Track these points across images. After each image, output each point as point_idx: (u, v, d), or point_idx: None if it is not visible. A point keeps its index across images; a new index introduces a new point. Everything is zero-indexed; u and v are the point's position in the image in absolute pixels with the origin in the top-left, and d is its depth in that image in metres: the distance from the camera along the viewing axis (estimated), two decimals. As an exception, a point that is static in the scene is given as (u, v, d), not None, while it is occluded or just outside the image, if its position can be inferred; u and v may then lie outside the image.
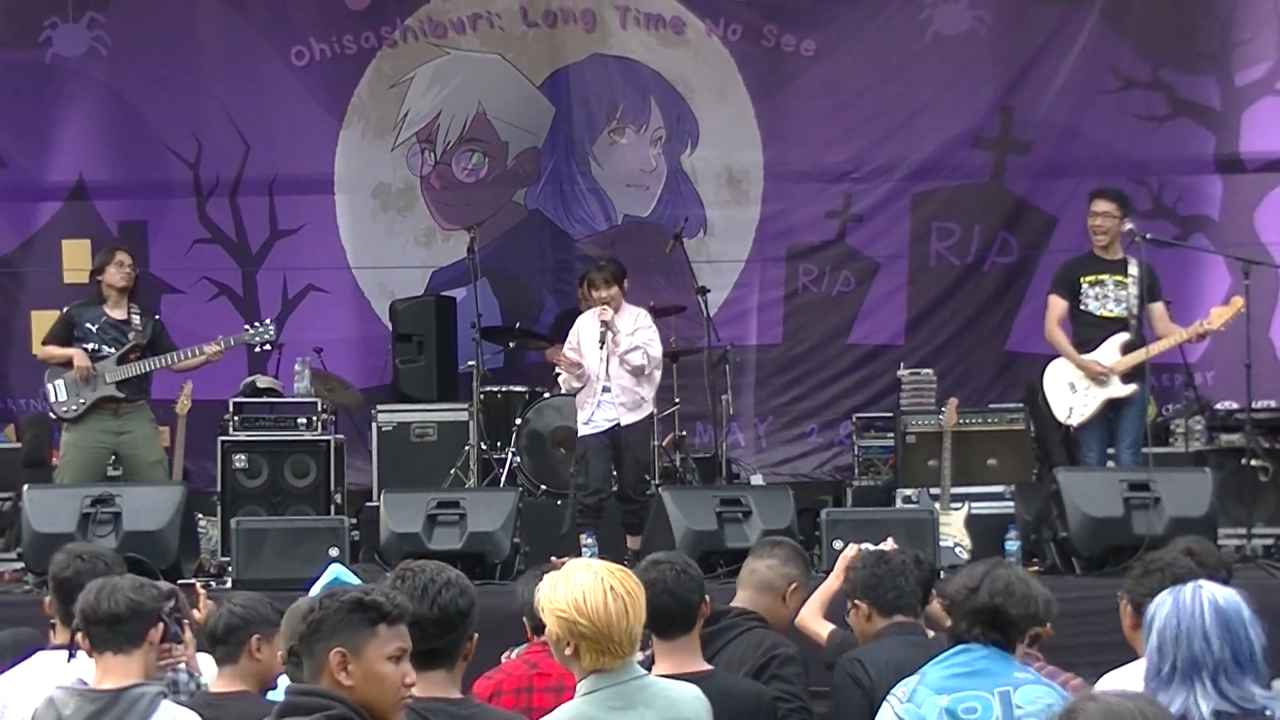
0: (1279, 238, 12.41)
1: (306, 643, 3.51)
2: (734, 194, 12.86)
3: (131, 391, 9.81)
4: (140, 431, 9.87)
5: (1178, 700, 3.64)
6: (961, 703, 4.41)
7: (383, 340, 12.54)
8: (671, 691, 4.27)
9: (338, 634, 3.48)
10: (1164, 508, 8.62)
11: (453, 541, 8.65)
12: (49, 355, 9.92)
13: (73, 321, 9.92)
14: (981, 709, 4.39)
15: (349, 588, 3.69)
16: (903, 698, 4.47)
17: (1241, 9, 12.60)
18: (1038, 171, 12.68)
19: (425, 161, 12.92)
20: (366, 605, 3.52)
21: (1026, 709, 4.39)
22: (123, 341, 9.80)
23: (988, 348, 12.62)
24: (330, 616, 3.49)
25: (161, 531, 8.74)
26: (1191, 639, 3.66)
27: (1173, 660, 3.66)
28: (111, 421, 9.78)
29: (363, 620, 3.50)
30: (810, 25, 12.70)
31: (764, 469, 12.35)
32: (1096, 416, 9.72)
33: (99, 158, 12.74)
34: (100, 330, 9.82)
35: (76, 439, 9.80)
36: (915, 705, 4.42)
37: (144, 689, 4.49)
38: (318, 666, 3.49)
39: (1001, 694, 4.42)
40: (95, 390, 9.71)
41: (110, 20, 12.62)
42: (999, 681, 4.43)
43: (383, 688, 3.52)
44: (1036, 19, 12.64)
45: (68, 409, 9.74)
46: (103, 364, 9.71)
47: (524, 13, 12.83)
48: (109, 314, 9.87)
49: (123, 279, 9.88)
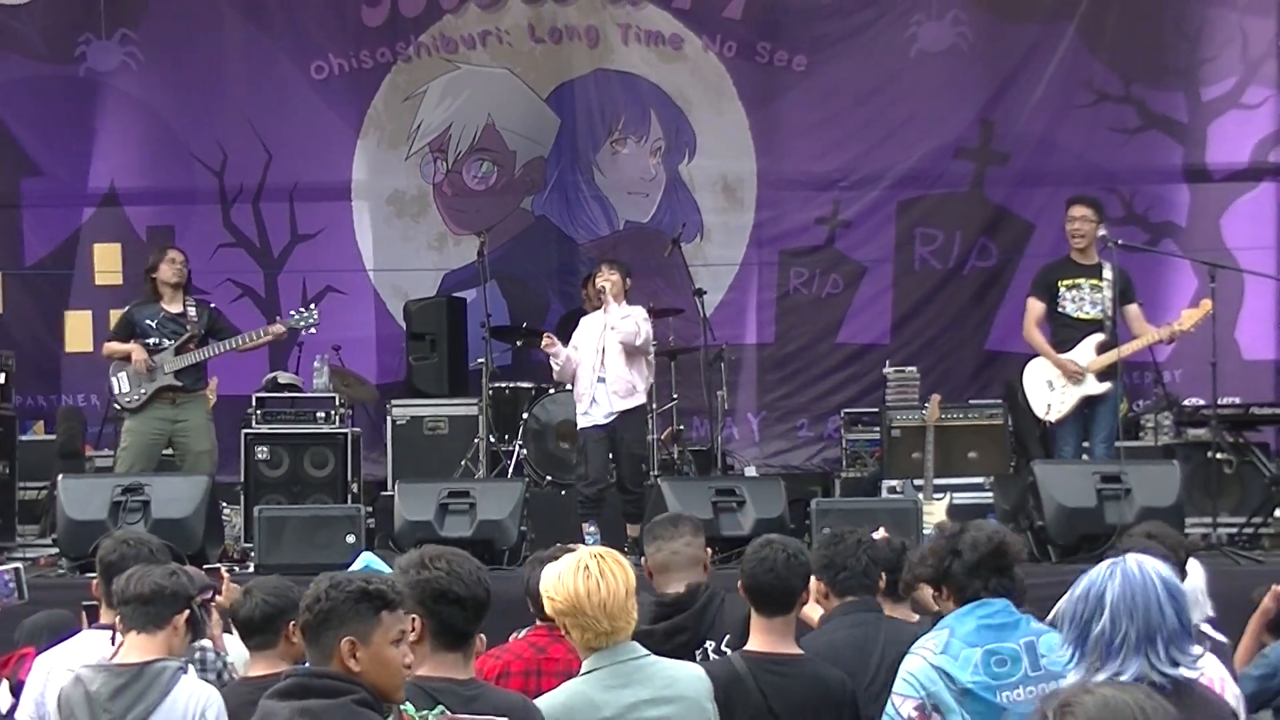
0: (1243, 243, 12.41)
1: (315, 630, 3.51)
2: (729, 201, 12.86)
3: (190, 381, 9.92)
4: (194, 421, 9.95)
5: (1130, 669, 3.59)
6: (994, 654, 4.36)
7: (397, 339, 12.56)
8: (671, 670, 4.26)
9: (347, 623, 3.49)
10: (1134, 498, 8.64)
11: (463, 529, 8.65)
12: (111, 351, 10.02)
13: (132, 319, 10.02)
14: (1011, 661, 4.35)
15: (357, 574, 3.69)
16: (935, 649, 4.38)
17: (1208, 28, 12.60)
18: (1016, 181, 12.68)
19: (438, 170, 12.92)
20: (372, 594, 3.52)
21: (1050, 656, 4.30)
22: (181, 333, 9.91)
23: (968, 347, 12.62)
24: (340, 606, 3.49)
25: (188, 519, 8.77)
26: (1149, 610, 3.60)
27: (1125, 631, 3.59)
28: (169, 410, 9.87)
29: (369, 609, 3.51)
30: (801, 42, 12.70)
31: (757, 461, 12.36)
32: (1073, 412, 9.71)
33: (129, 166, 12.76)
34: (159, 325, 9.93)
35: (136, 426, 9.90)
36: (951, 656, 4.36)
37: (166, 663, 4.51)
38: (327, 653, 3.49)
39: (1027, 644, 4.36)
40: (155, 381, 9.82)
41: (141, 37, 12.64)
42: (1023, 633, 4.38)
43: (389, 670, 3.53)
44: (1015, 37, 12.64)
45: (130, 399, 9.84)
46: (161, 355, 9.80)
47: (531, 29, 12.83)
48: (166, 309, 9.98)
49: (174, 275, 9.99)
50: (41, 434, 11.82)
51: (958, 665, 4.33)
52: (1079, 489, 8.77)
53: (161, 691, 4.44)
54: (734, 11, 12.74)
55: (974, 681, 4.31)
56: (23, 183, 12.70)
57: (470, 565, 4.02)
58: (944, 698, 4.29)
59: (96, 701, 4.43)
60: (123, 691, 4.43)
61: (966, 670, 4.33)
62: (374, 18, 12.78)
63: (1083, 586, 3.69)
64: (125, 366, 9.87)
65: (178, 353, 9.84)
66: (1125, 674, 3.60)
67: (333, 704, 3.42)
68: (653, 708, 4.13)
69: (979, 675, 4.32)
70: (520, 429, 10.97)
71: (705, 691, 4.27)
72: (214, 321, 10.11)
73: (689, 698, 4.22)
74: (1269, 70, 12.62)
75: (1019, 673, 4.33)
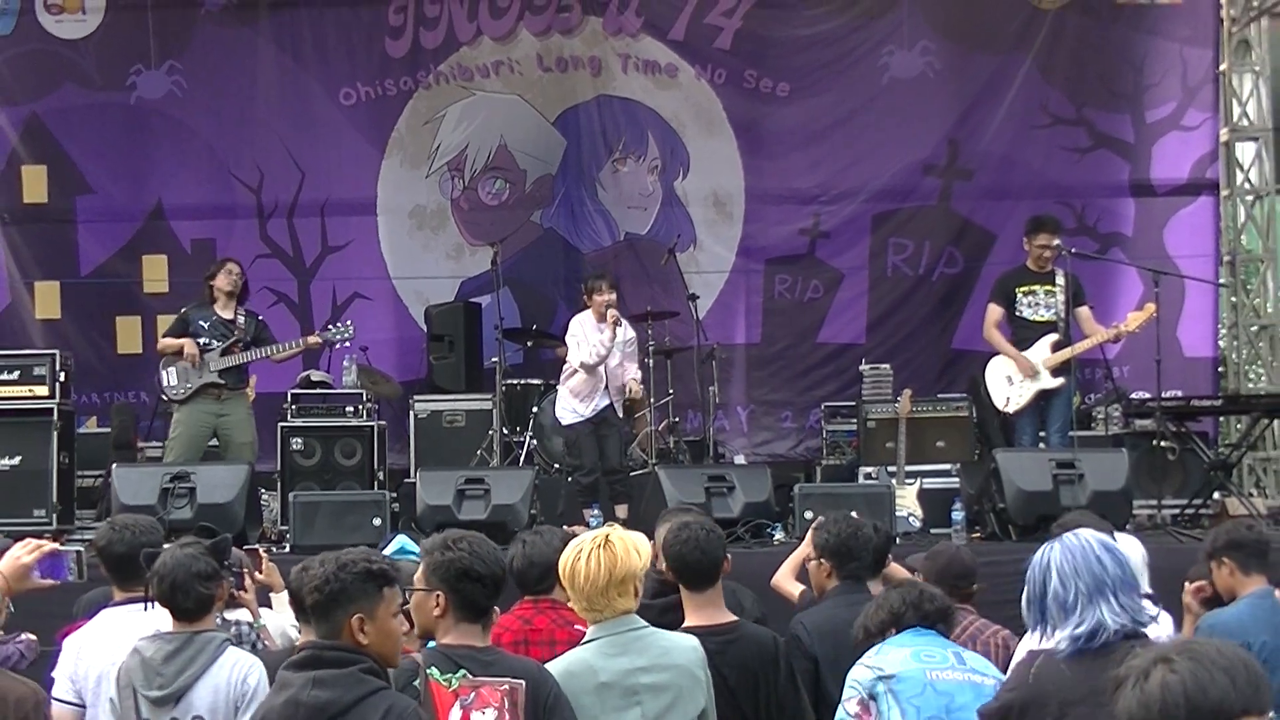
0: (1184, 252, 12.44)
1: (326, 608, 3.51)
2: (719, 214, 12.87)
3: (232, 380, 9.97)
4: (236, 415, 9.98)
5: (1088, 619, 3.64)
6: (924, 650, 4.43)
7: (418, 340, 12.56)
8: (666, 641, 4.27)
9: (355, 601, 3.50)
10: (1087, 483, 8.66)
11: (479, 513, 8.67)
12: (165, 346, 10.08)
13: (187, 320, 10.08)
14: (940, 656, 4.41)
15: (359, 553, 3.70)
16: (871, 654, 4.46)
17: (1151, 57, 12.62)
18: (979, 195, 12.69)
19: (455, 187, 12.92)
20: (375, 574, 3.54)
21: (973, 664, 4.42)
22: (229, 337, 9.93)
23: (936, 346, 12.63)
24: (349, 586, 3.50)
25: (230, 504, 8.80)
26: (1090, 565, 3.67)
27: (1075, 588, 3.66)
28: (214, 405, 9.92)
29: (374, 587, 3.53)
30: (785, 70, 12.71)
31: (746, 450, 12.36)
32: (1030, 405, 9.75)
33: (175, 185, 12.75)
34: (211, 327, 9.98)
35: (184, 418, 9.93)
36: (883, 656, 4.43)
37: (213, 634, 4.53)
38: (337, 628, 3.50)
39: (954, 652, 4.46)
40: (201, 377, 9.87)
41: (186, 67, 12.65)
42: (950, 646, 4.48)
43: (391, 640, 3.56)
44: (978, 66, 12.66)
45: (177, 391, 9.88)
46: (209, 355, 9.84)
47: (539, 59, 12.84)
48: (219, 314, 10.04)
49: (230, 284, 10.10)
50: (96, 428, 11.83)
51: (888, 660, 4.40)
52: (1036, 474, 8.79)
53: (209, 658, 4.46)
54: (723, 43, 12.75)
55: (903, 668, 4.38)
56: (78, 200, 12.70)
57: (489, 546, 4.04)
58: (876, 688, 4.35)
59: (151, 666, 4.46)
60: (174, 657, 4.45)
61: (896, 663, 4.40)
62: (397, 49, 12.80)
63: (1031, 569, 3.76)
64: (175, 362, 9.91)
65: (223, 354, 9.89)
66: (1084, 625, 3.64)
67: (342, 673, 3.45)
68: (647, 674, 4.15)
69: (908, 664, 4.39)
70: (530, 422, 10.99)
71: (698, 660, 4.27)
72: (259, 331, 10.16)
73: (682, 666, 4.23)
74: (1206, 95, 12.64)
75: (947, 663, 4.40)
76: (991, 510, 8.99)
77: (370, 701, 3.41)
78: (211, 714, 4.42)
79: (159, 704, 4.42)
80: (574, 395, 9.98)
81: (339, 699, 3.41)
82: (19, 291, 12.64)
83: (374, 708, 3.40)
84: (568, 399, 10.04)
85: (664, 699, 4.15)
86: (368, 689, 3.43)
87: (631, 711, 4.10)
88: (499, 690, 3.83)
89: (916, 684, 4.34)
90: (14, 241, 12.67)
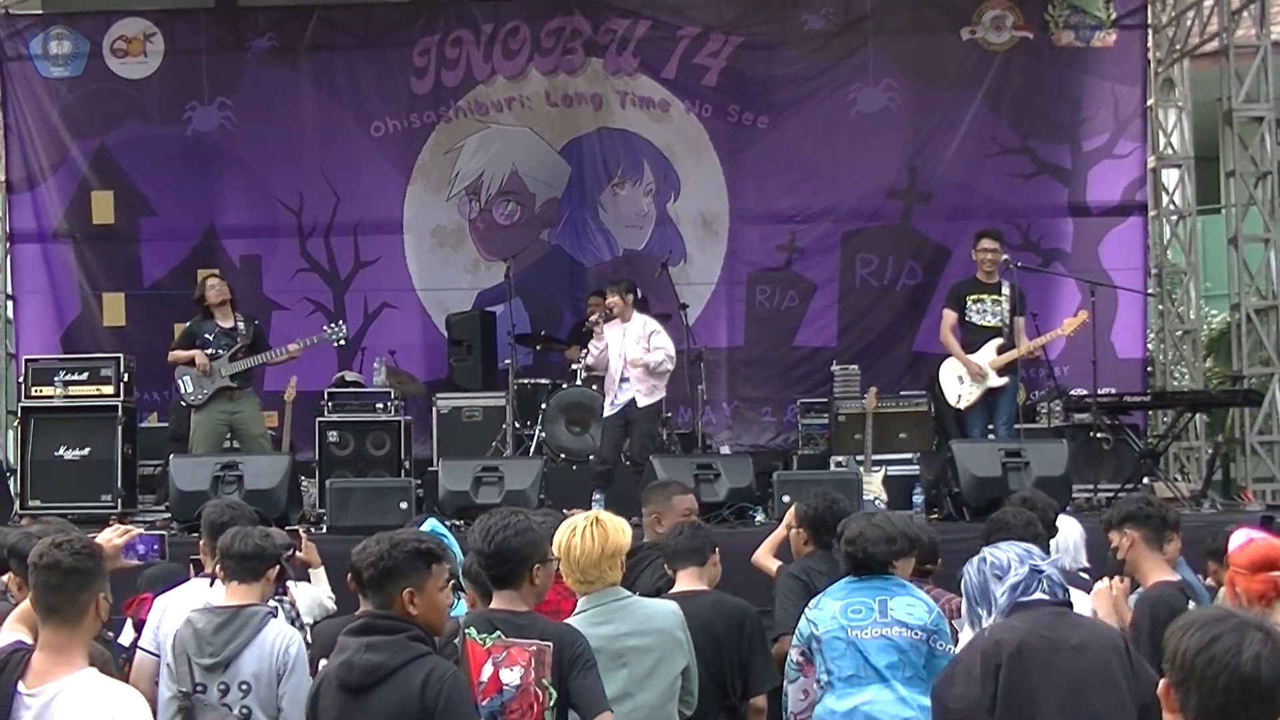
0: (1116, 265, 12.43)
1: (379, 582, 3.53)
2: (707, 233, 12.85)
3: (242, 381, 9.90)
4: (247, 412, 9.92)
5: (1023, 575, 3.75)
6: (851, 606, 4.51)
7: (440, 345, 12.54)
8: (648, 608, 4.28)
9: (405, 575, 3.51)
10: (1032, 469, 8.65)
11: (494, 498, 8.65)
12: (176, 358, 9.99)
13: (194, 333, 9.98)
14: (864, 610, 4.49)
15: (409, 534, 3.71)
16: (810, 606, 4.58)
17: (1087, 94, 12.62)
18: (937, 216, 12.66)
19: (472, 209, 12.90)
20: (424, 552, 3.55)
21: (898, 612, 4.50)
22: (233, 344, 9.85)
23: (899, 349, 12.59)
24: (400, 563, 3.51)
25: (274, 490, 8.79)
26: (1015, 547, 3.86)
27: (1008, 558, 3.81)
28: (227, 405, 9.84)
29: (423, 563, 3.53)
30: (764, 105, 12.69)
31: (730, 441, 12.35)
32: (979, 402, 9.73)
33: (226, 207, 12.75)
34: (215, 338, 9.89)
35: (202, 420, 9.86)
36: (819, 610, 4.54)
37: (258, 608, 4.53)
38: (389, 600, 3.52)
39: (880, 601, 4.51)
40: (214, 383, 9.79)
41: (236, 104, 12.64)
42: (879, 592, 4.55)
43: (438, 611, 3.57)
44: (935, 101, 12.65)
45: (194, 397, 9.81)
46: (218, 362, 9.77)
47: (547, 96, 12.83)
48: (220, 324, 9.93)
49: (217, 295, 9.96)
50: (155, 422, 11.81)
51: (820, 615, 4.54)
52: (987, 462, 8.79)
53: (254, 630, 4.46)
54: (710, 81, 12.73)
55: (828, 627, 4.50)
56: (141, 221, 12.70)
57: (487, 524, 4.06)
58: (811, 645, 4.54)
59: (202, 636, 4.45)
60: (222, 629, 4.45)
61: (825, 620, 4.52)
62: (421, 87, 12.78)
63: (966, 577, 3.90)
64: (188, 370, 9.80)
65: (231, 360, 9.81)
66: (1019, 577, 3.75)
67: (392, 639, 3.46)
68: (632, 638, 4.15)
69: (834, 622, 4.49)
70: (539, 416, 10.96)
71: (678, 624, 4.28)
72: (257, 337, 10.05)
73: (663, 630, 4.24)
74: (1135, 127, 12.64)
75: (869, 618, 4.48)
76: (948, 494, 8.99)
77: (416, 664, 3.43)
78: (256, 680, 4.42)
79: (209, 670, 4.43)
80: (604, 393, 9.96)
81: (387, 662, 3.42)
82: (89, 302, 12.65)
83: (418, 670, 3.42)
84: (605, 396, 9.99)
85: (648, 660, 4.16)
86: (413, 654, 3.44)
87: (620, 673, 4.09)
88: (528, 651, 3.84)
89: (838, 646, 4.46)
90: (84, 258, 12.67)
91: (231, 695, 4.40)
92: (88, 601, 3.22)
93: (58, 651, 3.21)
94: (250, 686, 4.40)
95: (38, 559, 3.27)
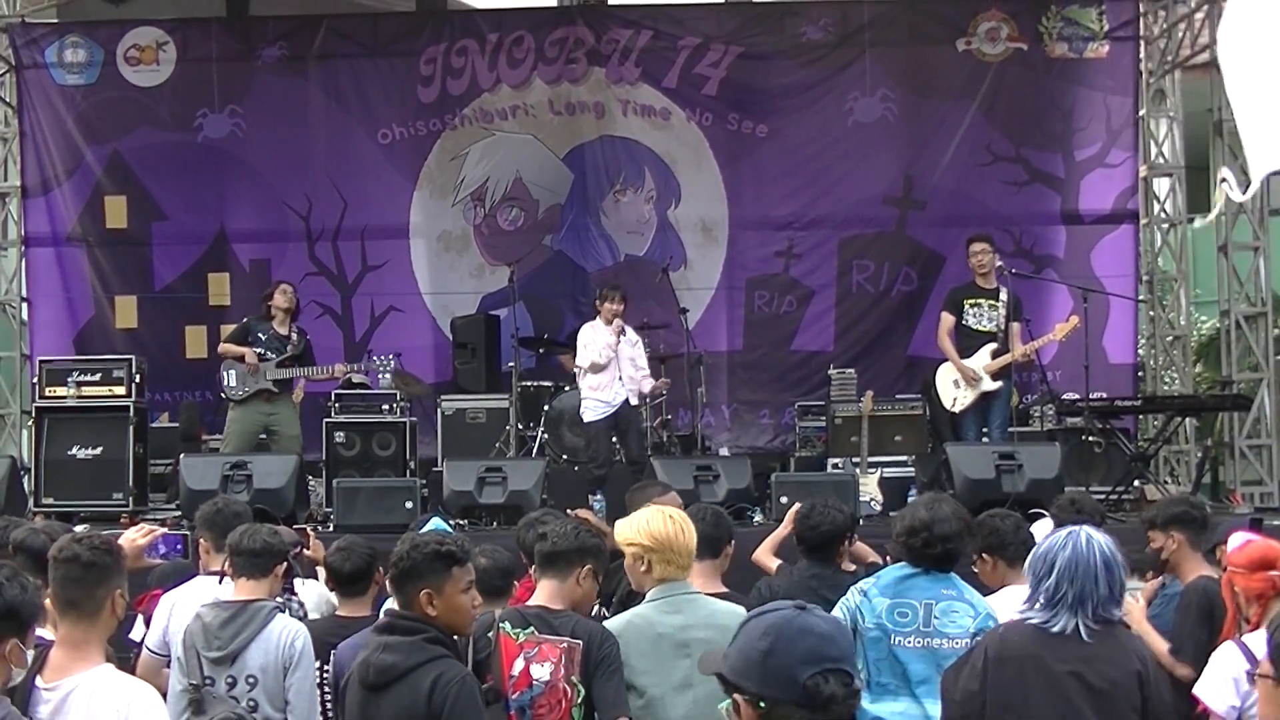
0: (1108, 272, 12.41)
1: (400, 583, 3.53)
2: (707, 239, 12.84)
3: (281, 387, 9.98)
4: (284, 415, 9.99)
5: (1062, 620, 3.58)
6: (898, 608, 4.38)
7: (445, 347, 12.54)
8: (713, 605, 4.28)
9: (424, 577, 3.50)
10: (1025, 472, 8.64)
11: (497, 498, 8.66)
12: (227, 350, 10.08)
13: (249, 329, 10.07)
14: (910, 615, 4.37)
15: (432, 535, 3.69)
16: (861, 588, 4.42)
17: (1079, 104, 12.60)
18: (932, 223, 12.65)
19: (477, 215, 12.90)
20: (444, 554, 3.53)
21: (943, 620, 4.35)
22: (283, 351, 9.91)
23: (895, 353, 12.58)
24: (419, 564, 3.51)
25: (282, 489, 8.78)
26: (1085, 578, 3.56)
27: (1064, 592, 3.57)
28: (265, 406, 9.91)
29: (442, 565, 3.52)
30: (763, 113, 12.69)
31: (729, 443, 12.34)
32: (973, 405, 9.73)
33: (236, 212, 12.75)
34: (268, 340, 9.96)
35: (239, 416, 9.92)
36: (868, 599, 4.39)
37: (265, 603, 4.52)
38: (410, 600, 3.51)
39: (926, 606, 4.38)
40: (258, 383, 9.85)
41: (246, 111, 12.64)
42: (927, 595, 4.39)
43: (459, 614, 3.55)
44: (930, 110, 12.64)
45: (236, 392, 9.87)
46: (265, 365, 9.81)
47: (550, 104, 12.83)
48: (276, 329, 10.01)
49: (286, 302, 10.11)
50: (167, 422, 11.81)
51: (869, 608, 4.38)
52: (981, 464, 8.77)
53: (260, 624, 4.45)
54: (710, 90, 12.73)
55: (871, 626, 4.35)
56: (153, 225, 12.69)
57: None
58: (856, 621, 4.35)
59: (210, 630, 4.45)
60: (229, 623, 4.44)
61: (871, 614, 4.37)
62: (428, 95, 12.78)
63: (1042, 548, 3.65)
64: (235, 365, 9.90)
65: (279, 366, 9.86)
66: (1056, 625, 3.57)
67: (407, 640, 3.47)
68: (696, 631, 4.13)
69: (881, 620, 4.35)
70: (542, 418, 10.96)
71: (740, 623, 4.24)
72: (306, 349, 10.17)
73: (726, 626, 4.16)
74: (1127, 137, 12.62)
75: (913, 626, 4.34)
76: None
77: (426, 668, 3.43)
78: (262, 673, 4.41)
79: (217, 663, 4.42)
80: (594, 390, 9.86)
81: (400, 664, 3.43)
82: (102, 304, 12.64)
83: (428, 673, 3.42)
84: (590, 396, 9.89)
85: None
86: (426, 656, 3.44)
87: (684, 662, 4.09)
88: (559, 647, 3.88)
89: (880, 648, 4.33)
90: (98, 261, 12.66)
91: (239, 688, 4.40)
92: (105, 597, 3.21)
93: (75, 647, 3.20)
94: (257, 680, 4.40)
95: (58, 553, 3.27)
